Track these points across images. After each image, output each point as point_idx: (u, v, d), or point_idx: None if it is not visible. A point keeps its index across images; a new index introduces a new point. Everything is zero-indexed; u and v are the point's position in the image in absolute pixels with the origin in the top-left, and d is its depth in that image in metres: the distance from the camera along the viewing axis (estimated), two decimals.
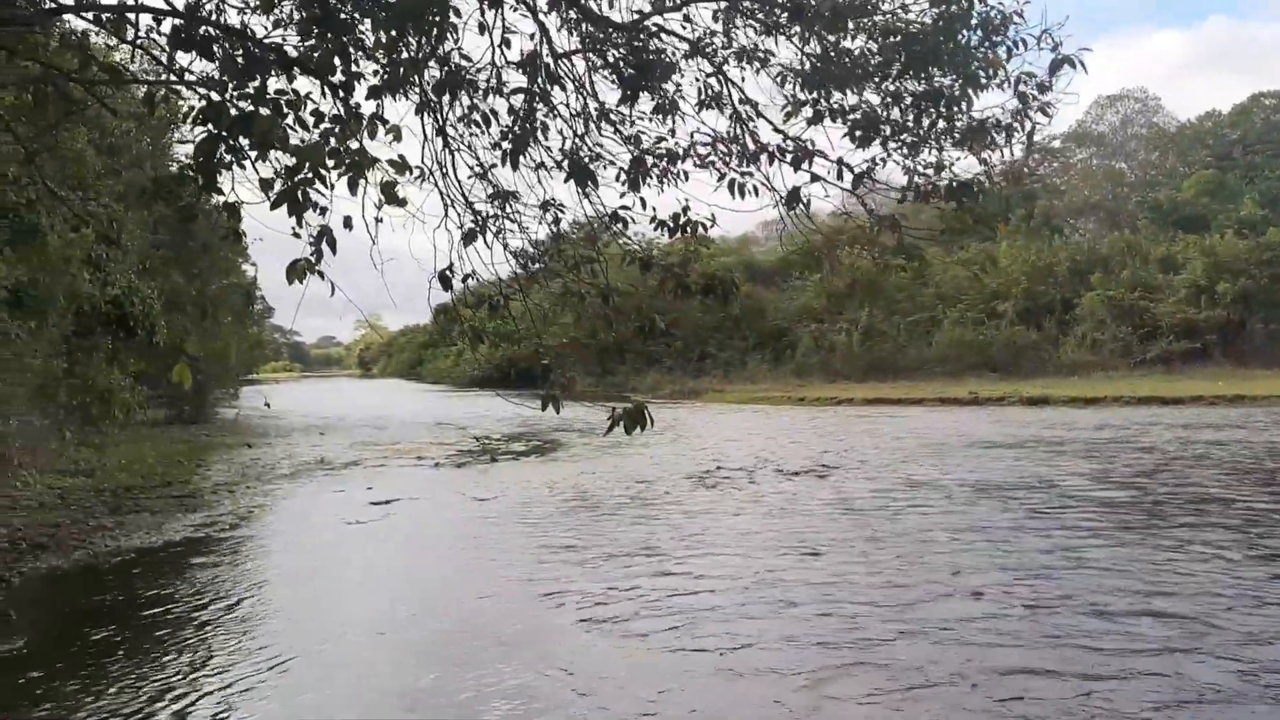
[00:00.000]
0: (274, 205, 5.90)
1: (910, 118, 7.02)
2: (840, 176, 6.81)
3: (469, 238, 7.91)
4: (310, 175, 5.82)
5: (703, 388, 52.59)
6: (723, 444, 25.73)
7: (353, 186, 6.10)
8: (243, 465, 22.64)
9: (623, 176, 8.20)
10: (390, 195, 6.09)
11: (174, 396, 37.29)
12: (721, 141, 7.29)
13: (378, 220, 6.36)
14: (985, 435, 25.80)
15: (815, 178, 6.35)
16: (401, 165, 6.06)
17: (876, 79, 6.53)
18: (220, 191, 6.17)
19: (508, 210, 8.36)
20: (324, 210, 6.13)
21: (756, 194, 7.01)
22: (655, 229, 8.04)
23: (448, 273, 7.83)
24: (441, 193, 7.54)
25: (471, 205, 8.11)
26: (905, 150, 7.00)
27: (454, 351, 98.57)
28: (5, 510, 14.22)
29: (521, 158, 8.17)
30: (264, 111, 5.88)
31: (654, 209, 7.96)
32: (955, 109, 7.18)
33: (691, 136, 7.57)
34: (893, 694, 6.86)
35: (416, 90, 7.37)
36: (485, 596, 10.00)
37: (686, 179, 7.78)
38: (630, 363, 63.84)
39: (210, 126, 5.84)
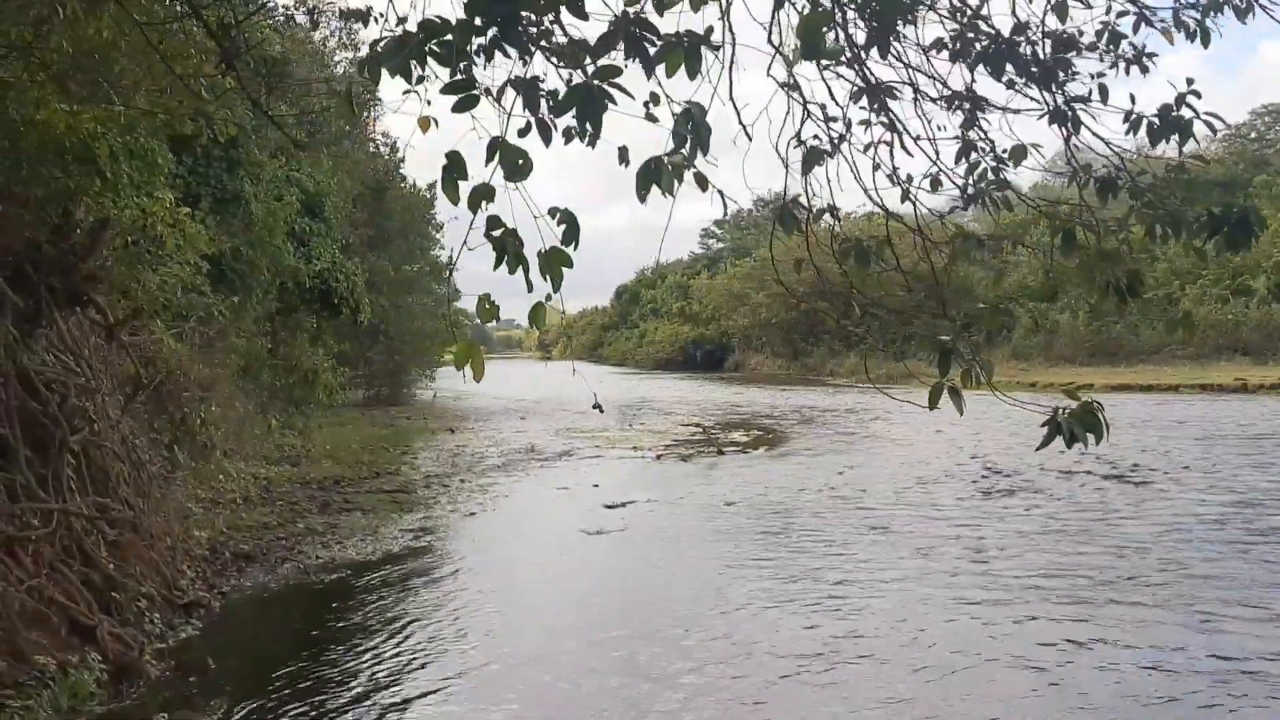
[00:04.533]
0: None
1: None
2: None
3: (812, 158, 5.19)
4: None
5: (915, 371, 48.57)
6: (972, 437, 22.40)
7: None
8: (450, 453, 20.94)
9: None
10: None
11: (371, 377, 36.68)
12: None
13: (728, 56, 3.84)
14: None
15: None
16: None
17: None
18: None
19: (876, 111, 5.61)
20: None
21: None
22: (1126, 131, 5.19)
23: (794, 208, 5.17)
24: (783, 86, 4.92)
25: (824, 107, 5.41)
26: None
27: (636, 334, 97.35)
28: (209, 507, 12.63)
29: (899, 32, 5.49)
30: None
31: (1131, 97, 5.12)
32: None
33: None
34: None
35: None
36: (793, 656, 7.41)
37: (1206, 45, 4.92)
38: (826, 344, 60.30)
39: None
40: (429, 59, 3.59)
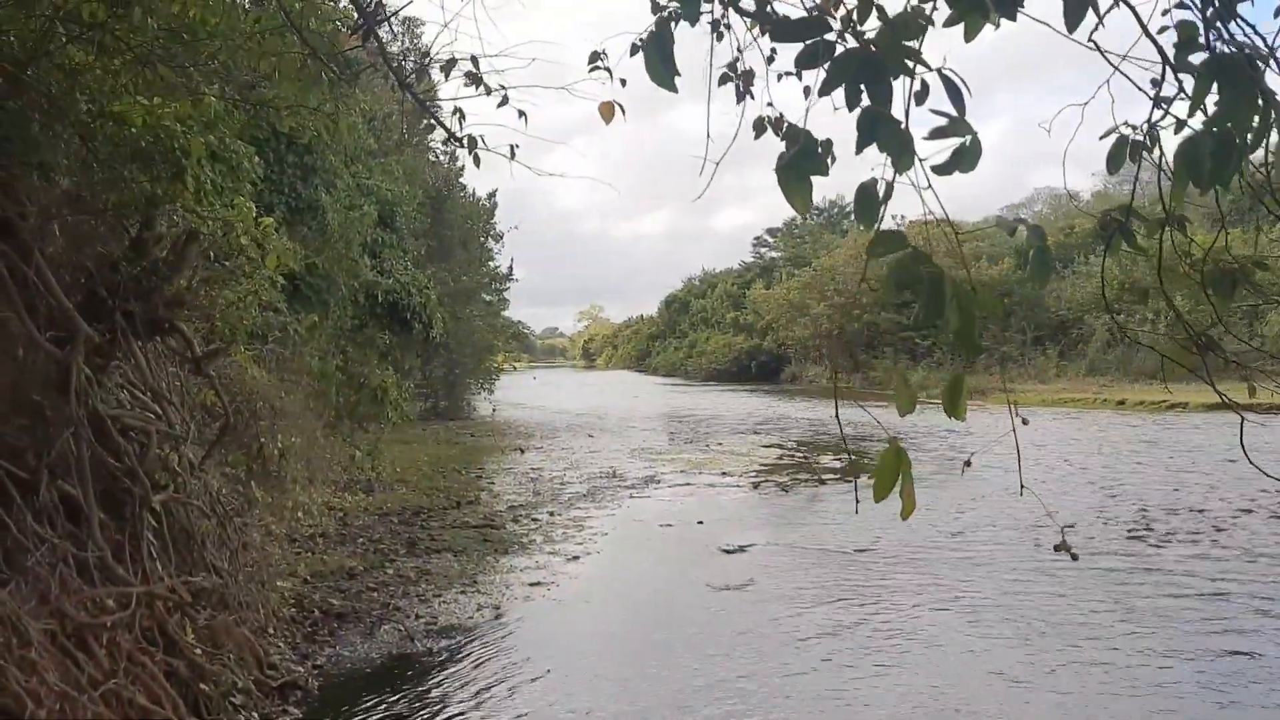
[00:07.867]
0: None
1: None
2: None
3: (1122, 153, 3.67)
4: None
5: (986, 386, 46.64)
6: (1118, 465, 20.65)
7: None
8: (528, 477, 19.61)
9: None
10: None
11: (429, 390, 35.51)
12: None
13: None
14: None
15: None
16: None
17: None
18: None
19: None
20: None
21: None
22: None
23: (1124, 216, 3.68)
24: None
25: None
26: None
27: (685, 343, 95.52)
28: (287, 547, 11.37)
29: None
30: None
31: None
32: None
33: None
34: None
35: None
36: None
37: None
38: (891, 355, 58.48)
39: None
40: None
